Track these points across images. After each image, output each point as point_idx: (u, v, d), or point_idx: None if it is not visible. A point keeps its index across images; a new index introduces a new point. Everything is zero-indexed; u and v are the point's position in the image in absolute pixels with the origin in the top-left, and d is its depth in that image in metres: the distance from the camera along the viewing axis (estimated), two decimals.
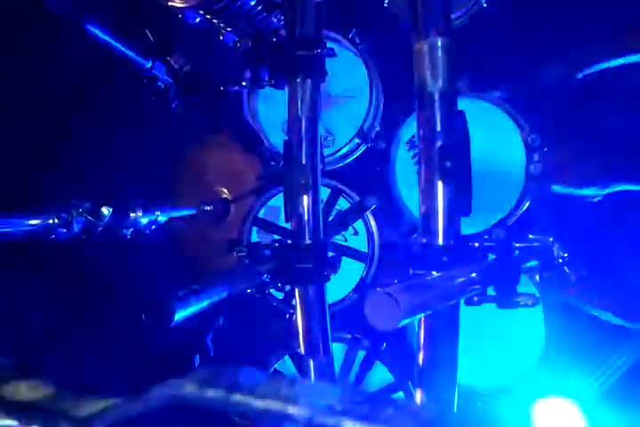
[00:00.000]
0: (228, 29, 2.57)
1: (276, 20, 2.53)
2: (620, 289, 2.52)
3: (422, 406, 1.61)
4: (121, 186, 2.71)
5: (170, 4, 2.33)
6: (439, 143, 1.84)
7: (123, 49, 2.60)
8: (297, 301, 2.28)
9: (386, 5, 2.84)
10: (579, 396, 2.36)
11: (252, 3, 2.46)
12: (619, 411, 2.26)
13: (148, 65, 2.74)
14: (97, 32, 2.48)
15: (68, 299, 2.45)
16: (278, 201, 2.96)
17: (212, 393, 0.60)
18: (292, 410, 0.58)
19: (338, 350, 2.78)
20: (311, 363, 2.29)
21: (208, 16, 2.45)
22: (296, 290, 2.27)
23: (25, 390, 0.70)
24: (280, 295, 2.91)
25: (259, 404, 0.58)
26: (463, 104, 1.92)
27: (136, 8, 2.65)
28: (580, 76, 2.60)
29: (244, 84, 2.57)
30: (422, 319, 1.84)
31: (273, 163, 3.03)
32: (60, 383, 0.72)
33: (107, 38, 2.53)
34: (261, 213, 3.14)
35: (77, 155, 2.69)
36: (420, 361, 1.85)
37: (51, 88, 2.60)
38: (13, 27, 2.42)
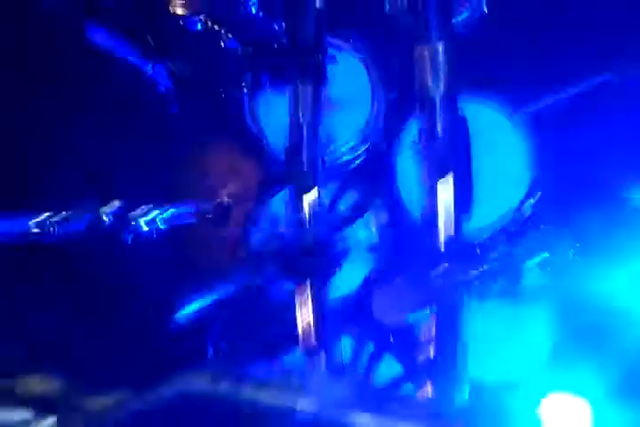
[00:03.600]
0: (230, 35, 2.59)
1: (277, 27, 2.55)
2: None
3: (431, 398, 1.62)
4: (121, 188, 2.71)
5: (171, 11, 2.34)
6: (440, 146, 1.85)
7: (123, 53, 2.61)
8: (301, 299, 2.28)
9: (386, 10, 2.85)
10: (587, 392, 2.35)
11: (254, 8, 2.48)
12: (627, 407, 2.25)
13: (149, 69, 2.75)
14: (97, 36, 2.50)
15: (73, 298, 2.45)
16: (280, 203, 2.96)
17: (222, 387, 0.61)
18: (301, 403, 0.58)
19: (345, 343, 2.77)
20: (319, 357, 2.28)
21: (209, 22, 2.46)
22: (300, 290, 2.27)
23: (38, 384, 0.70)
24: (283, 296, 2.91)
25: (269, 397, 0.59)
26: (464, 106, 1.93)
27: (136, 12, 2.66)
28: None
29: (244, 88, 2.58)
30: (430, 313, 1.84)
31: (275, 166, 3.03)
32: (72, 378, 0.72)
33: (107, 42, 2.54)
34: (263, 215, 3.14)
35: (78, 156, 2.70)
36: (431, 354, 1.85)
37: (51, 90, 2.61)
38: (14, 28, 2.43)
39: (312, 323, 2.26)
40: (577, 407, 2.30)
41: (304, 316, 2.27)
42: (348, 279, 2.88)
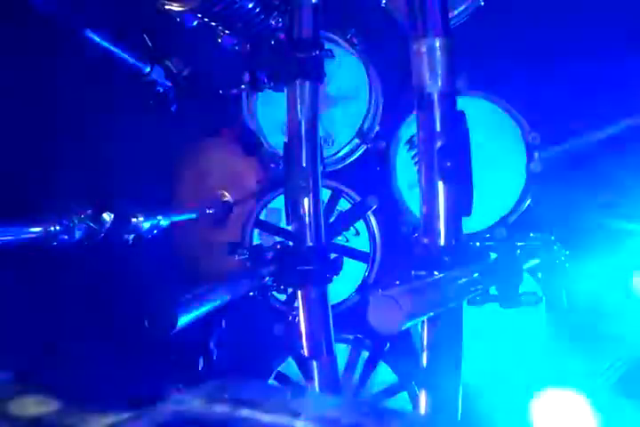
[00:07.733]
0: (227, 32, 2.57)
1: (274, 23, 2.53)
2: None
3: (429, 417, 1.61)
4: (122, 191, 2.71)
5: (167, 7, 2.33)
6: (439, 143, 1.83)
7: (121, 53, 2.60)
8: (299, 302, 2.28)
9: (383, 5, 2.83)
10: (584, 391, 2.35)
11: (250, 5, 2.46)
12: (625, 405, 2.26)
13: (147, 69, 2.74)
14: (95, 37, 2.49)
15: (71, 305, 2.45)
16: (279, 203, 2.95)
17: (218, 408, 0.60)
18: (298, 424, 0.58)
19: (341, 350, 2.78)
20: (315, 364, 2.29)
21: (206, 19, 2.44)
22: (298, 292, 2.28)
23: (31, 406, 0.70)
24: (282, 297, 2.91)
25: (265, 418, 0.58)
26: (462, 103, 1.92)
27: (134, 12, 2.64)
28: None
29: (243, 86, 2.57)
30: (426, 320, 1.83)
31: (273, 165, 3.02)
32: (66, 396, 0.72)
33: (105, 43, 2.53)
34: (263, 216, 3.13)
35: (77, 160, 2.69)
36: (424, 362, 1.85)
37: (50, 94, 2.60)
38: (13, 30, 2.42)
39: (308, 330, 2.27)
40: (574, 406, 2.29)
41: (300, 323, 2.27)
42: (343, 285, 2.88)
